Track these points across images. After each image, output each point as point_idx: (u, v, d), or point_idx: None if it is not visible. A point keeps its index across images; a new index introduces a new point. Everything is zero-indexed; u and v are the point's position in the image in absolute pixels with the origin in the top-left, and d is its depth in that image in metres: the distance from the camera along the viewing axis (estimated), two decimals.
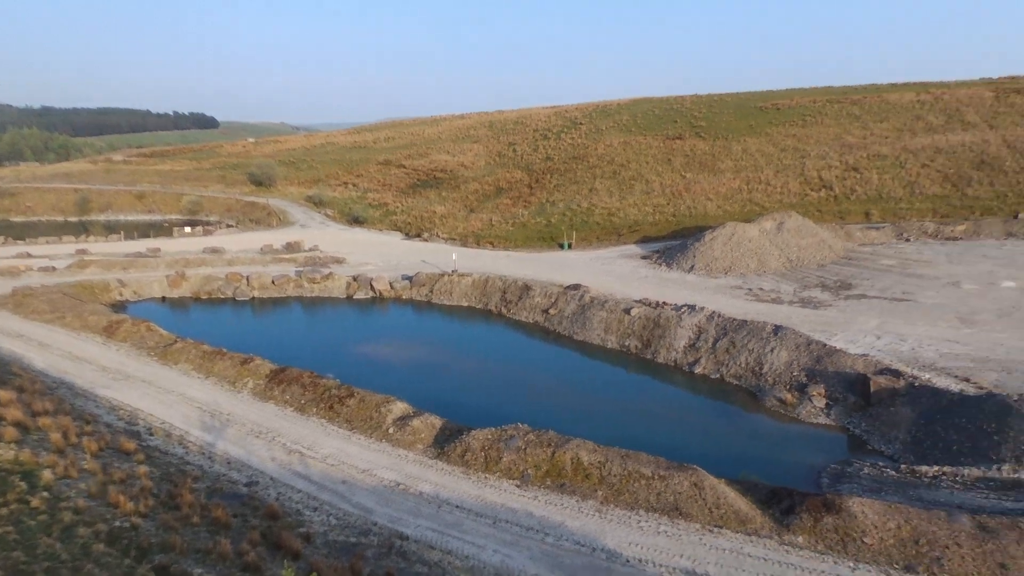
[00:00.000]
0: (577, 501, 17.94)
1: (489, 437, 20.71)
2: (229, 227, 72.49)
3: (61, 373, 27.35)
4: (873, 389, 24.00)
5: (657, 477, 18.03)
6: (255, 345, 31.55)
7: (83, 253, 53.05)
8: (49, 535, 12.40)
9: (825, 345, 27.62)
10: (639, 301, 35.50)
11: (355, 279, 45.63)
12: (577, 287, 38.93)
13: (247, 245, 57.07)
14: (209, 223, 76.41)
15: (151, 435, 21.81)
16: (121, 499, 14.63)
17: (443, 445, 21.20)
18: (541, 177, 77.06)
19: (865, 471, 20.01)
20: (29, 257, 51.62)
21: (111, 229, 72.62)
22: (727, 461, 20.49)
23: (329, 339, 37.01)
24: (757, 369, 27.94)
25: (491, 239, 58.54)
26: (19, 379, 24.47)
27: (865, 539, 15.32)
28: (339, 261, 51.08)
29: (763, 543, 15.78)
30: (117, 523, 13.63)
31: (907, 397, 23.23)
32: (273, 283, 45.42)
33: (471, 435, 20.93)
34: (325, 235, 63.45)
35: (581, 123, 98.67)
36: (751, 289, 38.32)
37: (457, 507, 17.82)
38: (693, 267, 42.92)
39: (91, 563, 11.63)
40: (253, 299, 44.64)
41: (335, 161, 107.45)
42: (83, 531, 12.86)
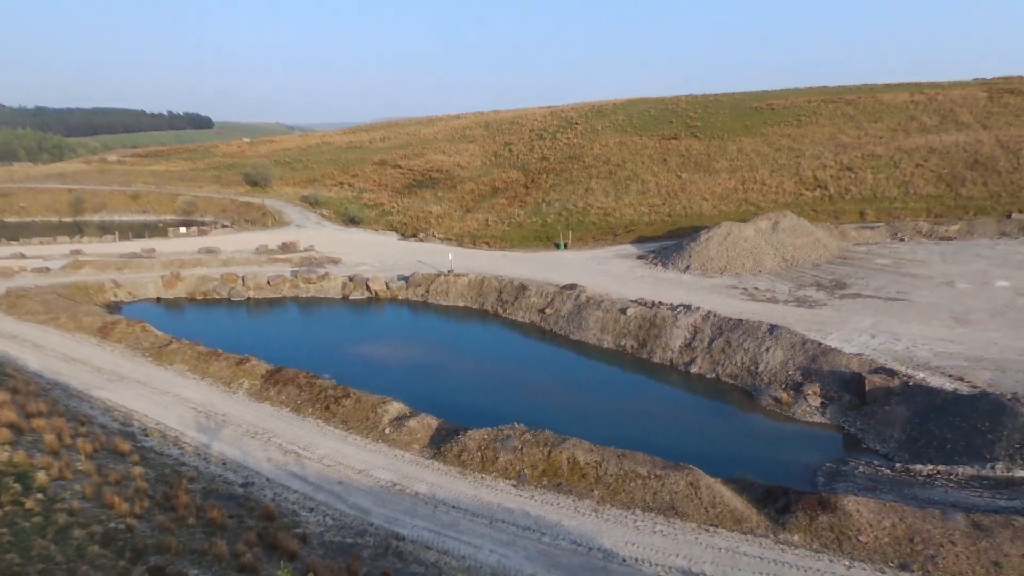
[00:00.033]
0: (573, 501, 17.96)
1: (485, 437, 20.71)
2: (224, 227, 72.30)
3: (55, 374, 27.24)
4: (868, 388, 24.12)
5: (653, 476, 18.07)
6: (251, 346, 31.48)
7: (77, 254, 52.86)
8: (44, 537, 12.35)
9: (820, 344, 27.72)
10: (635, 301, 35.55)
11: (351, 279, 45.57)
12: (573, 287, 38.96)
13: (242, 245, 56.94)
14: (204, 223, 76.21)
15: (146, 436, 21.75)
16: (116, 500, 14.58)
17: (439, 445, 21.19)
18: (537, 177, 77.11)
19: (860, 470, 20.09)
20: (23, 258, 51.37)
21: (105, 230, 72.31)
22: (723, 460, 20.53)
23: (325, 339, 36.95)
24: (753, 368, 28.02)
25: (487, 239, 58.54)
26: (13, 380, 24.35)
27: (860, 537, 15.38)
28: (335, 261, 51.01)
29: (759, 542, 15.83)
30: (112, 525, 13.59)
31: (902, 396, 23.34)
32: (269, 283, 45.32)
33: (467, 435, 20.93)
34: (321, 235, 63.35)
35: (577, 123, 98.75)
36: (747, 289, 38.42)
37: (453, 507, 17.82)
38: (689, 267, 43.01)
39: (86, 565, 11.59)
40: (248, 299, 44.54)
41: (331, 161, 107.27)
42: (78, 533, 12.81)
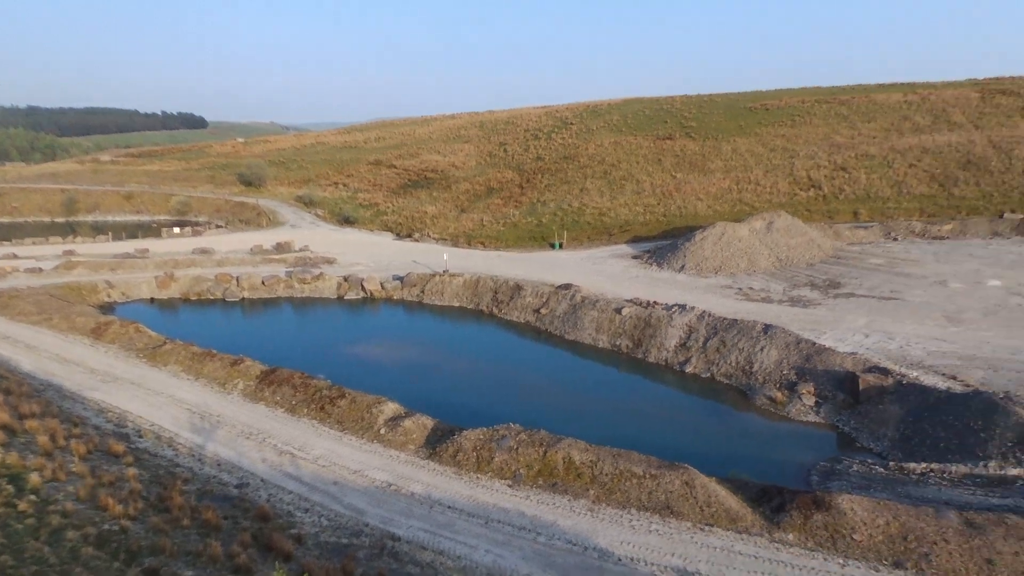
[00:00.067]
0: (569, 500, 17.97)
1: (481, 437, 20.70)
2: (218, 228, 72.07)
3: (48, 375, 27.09)
4: (862, 387, 24.23)
5: (648, 476, 18.10)
6: (245, 346, 31.37)
7: (70, 254, 52.58)
8: (37, 539, 12.29)
9: (814, 344, 27.83)
10: (630, 301, 35.61)
11: (346, 279, 45.49)
12: (568, 287, 38.99)
13: (237, 246, 56.76)
14: (198, 224, 75.94)
15: (140, 437, 21.66)
16: (110, 502, 14.52)
17: (435, 445, 21.17)
18: (532, 177, 77.14)
19: (854, 468, 20.18)
20: (15, 258, 51.07)
21: (99, 230, 71.99)
22: (718, 459, 20.59)
23: (320, 340, 36.87)
24: (747, 368, 28.10)
25: (482, 239, 58.54)
26: (6, 381, 24.24)
27: (854, 536, 15.45)
28: (330, 261, 50.90)
29: (754, 541, 15.88)
30: (106, 526, 13.53)
31: (895, 395, 23.45)
32: (263, 284, 45.19)
33: (463, 435, 20.92)
34: (315, 235, 63.20)
35: (572, 123, 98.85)
36: (741, 288, 38.53)
37: (449, 507, 17.81)
38: (683, 267, 43.10)
39: (80, 566, 11.54)
40: (243, 300, 44.40)
41: (325, 161, 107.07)
42: (72, 534, 12.75)
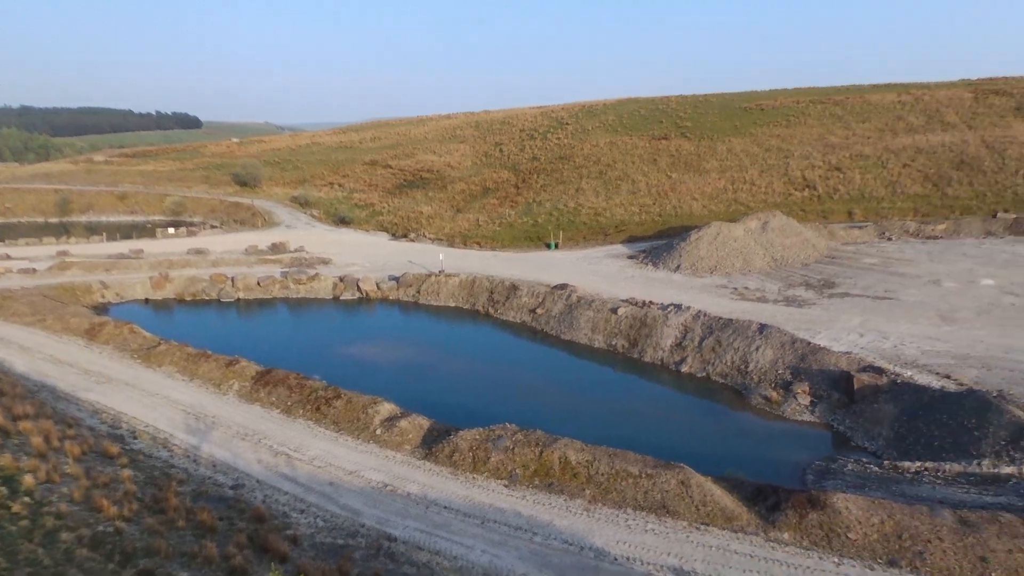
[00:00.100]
0: (565, 500, 17.99)
1: (477, 437, 20.70)
2: (213, 228, 71.86)
3: (42, 376, 26.97)
4: (856, 386, 24.32)
5: (644, 475, 18.13)
6: (240, 347, 31.30)
7: (64, 255, 52.35)
8: (31, 540, 12.23)
9: (809, 343, 27.92)
10: (626, 300, 35.66)
11: (341, 280, 45.41)
12: (564, 287, 39.02)
13: (232, 246, 56.60)
14: (193, 224, 75.67)
15: (135, 438, 21.58)
16: (105, 503, 14.46)
17: (431, 446, 21.16)
18: (528, 177, 77.15)
19: (849, 467, 20.25)
20: (8, 259, 50.78)
21: (93, 230, 71.65)
22: (713, 459, 20.63)
23: (315, 340, 36.79)
24: (743, 367, 28.17)
25: (478, 239, 58.52)
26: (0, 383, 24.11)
27: (849, 534, 15.51)
28: (325, 262, 50.81)
29: (749, 540, 15.92)
30: (101, 528, 13.48)
31: (890, 394, 23.55)
32: (258, 284, 45.08)
33: (459, 435, 20.91)
34: (311, 236, 63.08)
35: (567, 123, 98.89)
36: (736, 288, 38.63)
37: (445, 508, 17.81)
38: (679, 266, 43.18)
39: (74, 568, 11.49)
40: (238, 300, 44.28)
41: (321, 161, 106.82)
42: (66, 536, 12.70)
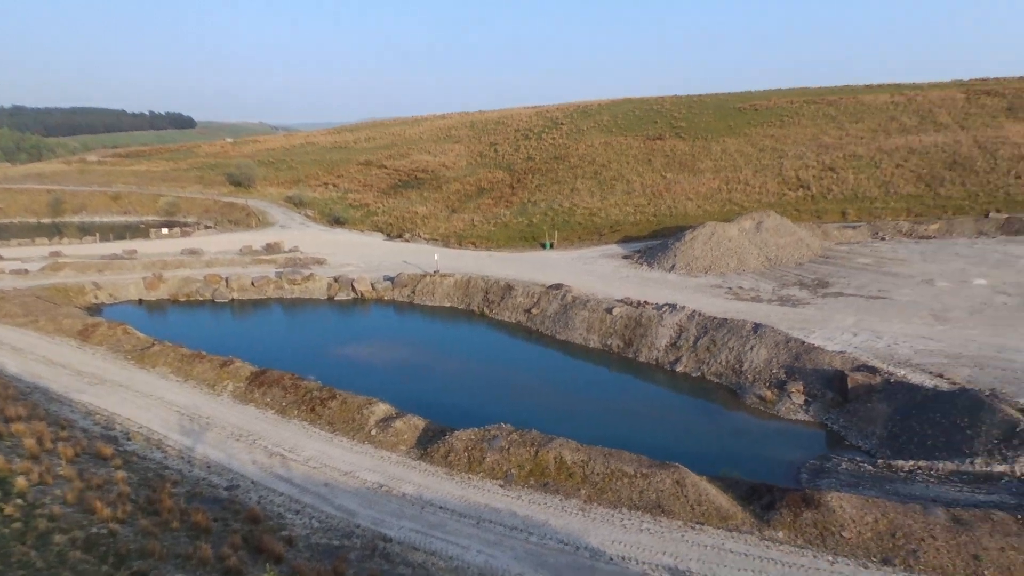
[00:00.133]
0: (560, 500, 18.00)
1: (472, 437, 20.69)
2: (207, 228, 71.62)
3: (35, 378, 26.82)
4: (850, 385, 24.42)
5: (639, 475, 18.16)
6: (235, 347, 31.22)
7: (57, 255, 52.08)
8: (24, 543, 12.16)
9: (803, 343, 28.02)
10: (621, 300, 35.71)
11: (336, 280, 45.32)
12: (559, 287, 39.04)
13: (226, 246, 56.43)
14: (187, 224, 75.37)
15: (129, 440, 21.48)
16: (98, 505, 14.39)
17: (426, 446, 21.15)
18: (523, 177, 77.18)
19: (843, 466, 20.33)
20: (0, 260, 50.51)
21: (86, 231, 71.30)
22: (708, 458, 20.69)
23: (310, 341, 36.72)
24: (737, 367, 28.25)
25: (473, 239, 58.50)
26: None
27: (843, 533, 15.57)
28: (320, 262, 50.71)
29: (744, 539, 15.97)
30: (94, 530, 13.41)
31: (883, 393, 23.65)
32: (253, 285, 44.94)
33: (454, 436, 20.90)
34: (306, 236, 62.93)
35: (562, 123, 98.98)
36: (731, 288, 38.73)
37: (440, 508, 17.79)
38: (674, 266, 43.27)
39: (68, 571, 11.43)
40: (232, 301, 44.14)
41: (315, 161, 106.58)
42: (59, 538, 12.63)
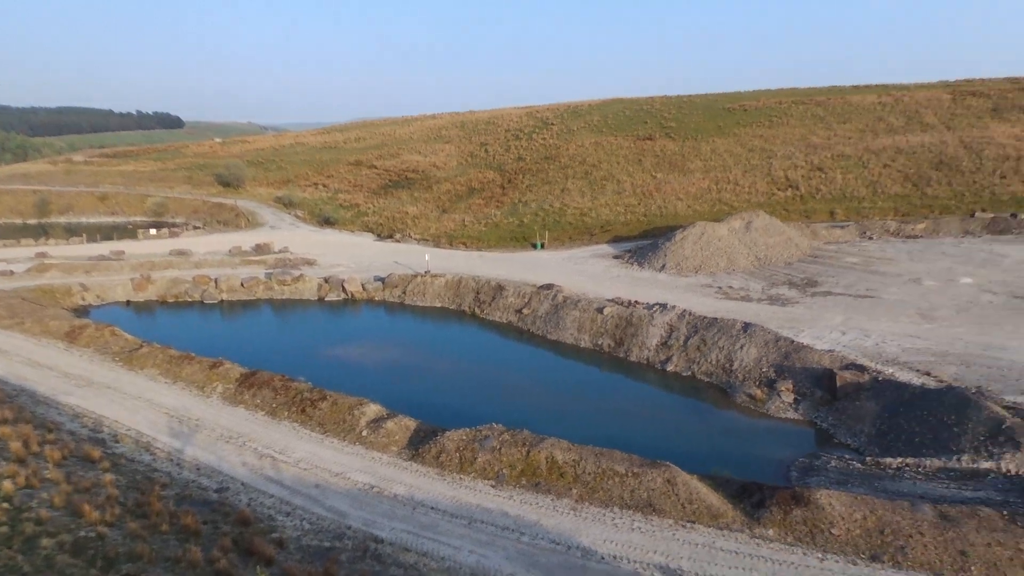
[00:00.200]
0: (552, 500, 18.03)
1: (464, 438, 20.68)
2: (196, 229, 71.10)
3: (21, 380, 26.53)
4: (839, 384, 24.61)
5: (631, 474, 18.21)
6: (224, 349, 31.02)
7: (43, 256, 51.54)
8: (10, 547, 12.05)
9: (793, 341, 28.21)
10: (611, 300, 35.80)
11: (326, 281, 45.14)
12: (550, 287, 39.09)
13: (215, 247, 56.06)
14: (175, 225, 74.76)
15: (117, 442, 21.30)
16: (86, 508, 14.27)
17: (417, 447, 21.11)
18: (513, 177, 77.19)
19: (832, 464, 20.48)
20: None
21: (72, 232, 70.52)
22: (699, 457, 20.79)
23: (300, 342, 36.55)
24: (727, 366, 28.40)
25: (464, 239, 58.45)
26: None
27: (833, 530, 15.70)
28: (310, 263, 50.48)
29: (735, 537, 16.06)
30: (82, 533, 13.30)
31: (871, 391, 23.86)
32: (242, 286, 44.68)
33: (445, 436, 20.88)
34: (295, 236, 62.62)
35: (552, 123, 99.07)
36: (721, 287, 38.93)
37: (432, 508, 17.77)
38: (664, 266, 43.44)
39: (55, 575, 11.33)
40: (222, 302, 43.86)
41: (305, 162, 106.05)
42: (47, 542, 12.52)
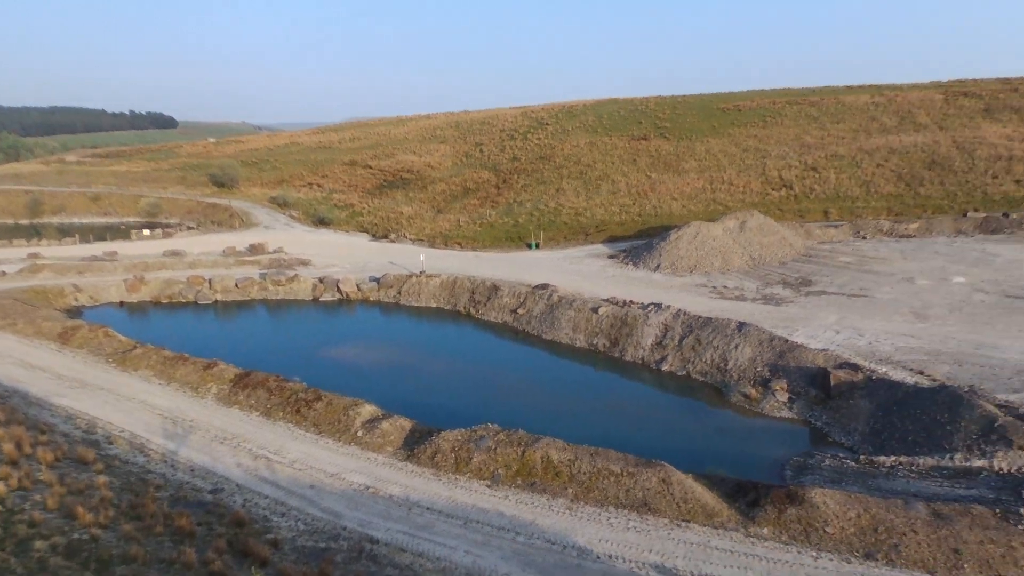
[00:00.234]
0: (547, 499, 18.04)
1: (459, 438, 20.67)
2: (190, 229, 70.86)
3: (14, 382, 26.38)
4: (833, 383, 24.70)
5: (626, 474, 18.24)
6: (218, 350, 30.93)
7: (35, 257, 51.26)
8: (3, 549, 11.99)
9: (787, 341, 28.31)
10: (607, 300, 35.85)
11: (321, 281, 45.05)
12: (545, 287, 39.11)
13: (209, 247, 55.84)
14: (169, 225, 74.44)
15: (110, 444, 21.20)
16: (80, 510, 14.20)
17: (413, 447, 21.09)
18: (508, 177, 77.20)
19: (826, 462, 20.55)
20: None
21: (65, 232, 70.19)
22: (694, 456, 20.84)
23: (295, 342, 36.44)
24: (722, 365, 28.48)
25: (459, 239, 58.41)
26: None
27: (827, 529, 15.76)
28: (304, 263, 50.36)
29: (730, 536, 16.11)
30: (76, 535, 13.23)
31: (865, 390, 23.97)
32: (236, 286, 44.54)
33: (441, 436, 20.87)
34: (290, 237, 62.45)
35: (547, 124, 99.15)
36: (715, 287, 39.03)
37: (428, 509, 17.76)
38: (659, 266, 43.52)
39: None
40: (216, 303, 43.70)
41: (299, 162, 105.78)
42: (40, 544, 12.45)
